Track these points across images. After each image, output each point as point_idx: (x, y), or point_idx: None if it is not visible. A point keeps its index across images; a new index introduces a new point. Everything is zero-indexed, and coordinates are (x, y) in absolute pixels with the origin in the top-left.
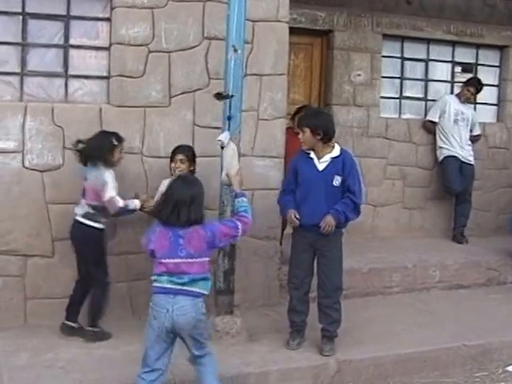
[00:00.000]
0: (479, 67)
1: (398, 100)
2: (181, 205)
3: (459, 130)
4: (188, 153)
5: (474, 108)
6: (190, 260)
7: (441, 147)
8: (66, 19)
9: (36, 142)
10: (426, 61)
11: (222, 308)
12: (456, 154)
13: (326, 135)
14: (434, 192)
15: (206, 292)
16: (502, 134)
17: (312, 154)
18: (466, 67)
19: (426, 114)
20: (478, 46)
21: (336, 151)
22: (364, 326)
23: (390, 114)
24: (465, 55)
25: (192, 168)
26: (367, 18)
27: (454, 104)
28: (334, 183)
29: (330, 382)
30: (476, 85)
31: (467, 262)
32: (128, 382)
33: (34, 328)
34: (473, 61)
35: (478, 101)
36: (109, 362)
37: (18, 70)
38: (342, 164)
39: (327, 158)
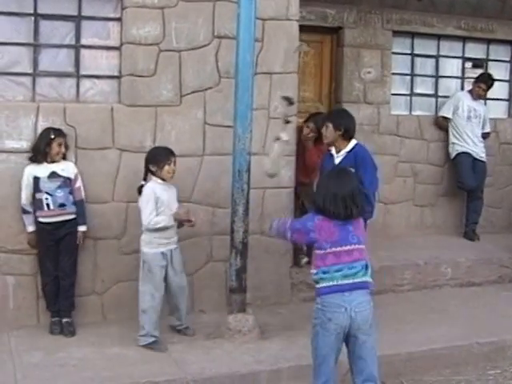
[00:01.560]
0: (490, 62)
1: (408, 97)
2: (347, 199)
3: (472, 127)
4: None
5: (485, 104)
6: (361, 246)
7: (454, 143)
8: (77, 20)
9: None
10: (437, 57)
11: (234, 306)
12: (469, 151)
13: (347, 132)
14: (446, 189)
15: (372, 281)
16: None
17: (333, 151)
18: (477, 63)
19: (436, 111)
20: (489, 42)
21: (350, 145)
22: (376, 324)
23: (401, 110)
24: (475, 51)
25: None
26: (377, 14)
27: (466, 101)
28: None
29: (343, 379)
30: (487, 81)
31: (479, 259)
32: (140, 380)
33: (47, 327)
34: (483, 56)
35: (488, 96)
36: (121, 361)
37: (30, 71)
38: (355, 157)
39: (343, 152)
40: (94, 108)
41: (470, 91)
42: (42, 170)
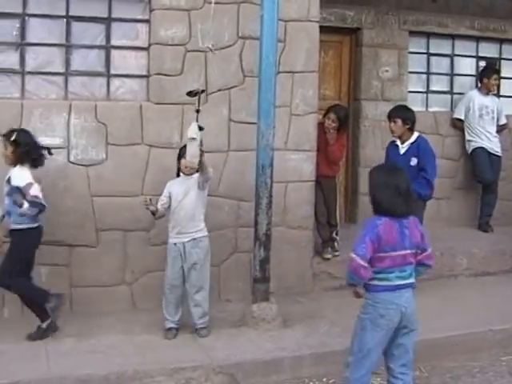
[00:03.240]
0: (502, 61)
1: (424, 94)
2: (406, 194)
3: (484, 124)
4: None
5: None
6: (413, 251)
7: (469, 140)
8: (108, 21)
9: (80, 138)
10: (451, 56)
11: (258, 295)
12: (484, 146)
13: (413, 125)
14: (461, 182)
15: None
16: None
17: (397, 142)
18: (490, 61)
19: (452, 107)
20: (502, 41)
21: (414, 137)
22: None
23: (418, 107)
24: (488, 50)
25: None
26: (394, 15)
27: (477, 99)
28: (411, 163)
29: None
30: (494, 70)
31: (493, 250)
32: (168, 366)
33: (79, 315)
34: (496, 55)
35: (501, 93)
36: (149, 347)
37: (62, 70)
38: (418, 147)
39: (408, 143)
40: (124, 106)
41: (480, 88)
42: (8, 173)
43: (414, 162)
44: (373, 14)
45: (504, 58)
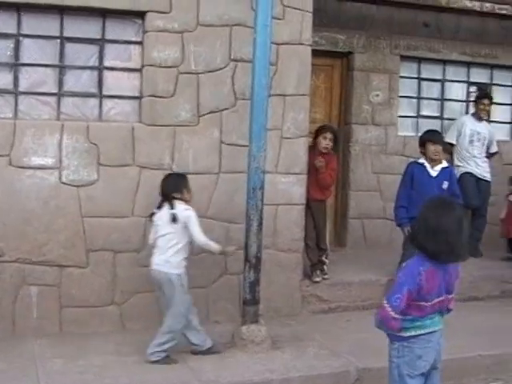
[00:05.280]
0: (494, 87)
1: (415, 119)
2: (462, 238)
3: (473, 150)
4: None
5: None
6: (449, 296)
7: (457, 166)
8: (101, 42)
9: (72, 158)
10: (442, 81)
11: (247, 317)
12: (472, 171)
13: (447, 150)
14: None
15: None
16: None
17: (425, 164)
18: (481, 87)
19: (442, 132)
20: (492, 67)
21: (445, 162)
22: (383, 335)
23: (408, 132)
24: (480, 75)
25: None
26: (385, 40)
27: (470, 125)
28: (443, 186)
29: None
30: (487, 96)
31: (482, 275)
32: None
33: (69, 335)
34: (487, 81)
35: (492, 119)
36: (138, 368)
37: (55, 91)
38: (450, 173)
39: (440, 167)
40: (116, 127)
41: (474, 114)
42: None
43: (445, 185)
44: (364, 38)
45: (495, 84)
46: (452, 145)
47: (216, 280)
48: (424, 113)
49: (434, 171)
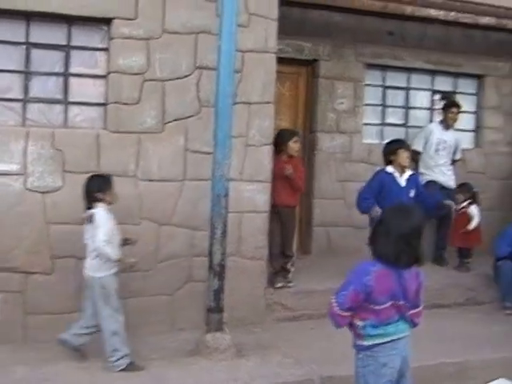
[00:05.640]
0: (458, 95)
1: (379, 126)
2: (417, 242)
3: (439, 158)
4: None
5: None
6: (407, 304)
7: (422, 173)
8: (67, 49)
9: (37, 165)
10: (407, 89)
11: (211, 325)
12: (436, 179)
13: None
14: None
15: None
16: (480, 159)
17: (395, 173)
18: (445, 95)
19: (406, 140)
20: (457, 75)
21: (410, 171)
22: (346, 343)
23: (372, 139)
24: (444, 83)
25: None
26: (351, 48)
27: (437, 133)
28: (410, 195)
29: None
30: (456, 104)
31: (447, 283)
32: None
33: (33, 342)
34: (451, 89)
35: (457, 127)
36: (101, 376)
37: (20, 97)
38: (416, 180)
39: (407, 174)
40: (81, 133)
41: (442, 122)
42: None
43: (412, 193)
44: (329, 46)
45: (459, 92)
46: (417, 153)
47: (181, 287)
48: (389, 121)
49: (403, 181)
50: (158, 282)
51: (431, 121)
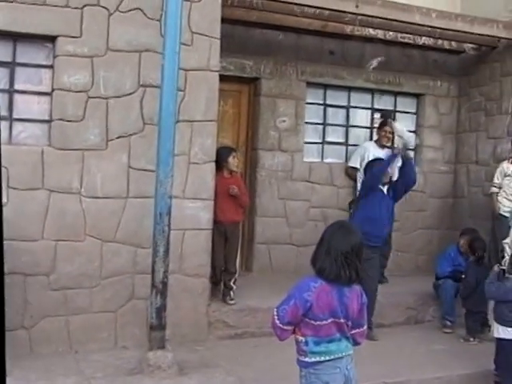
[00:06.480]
0: (397, 114)
1: (320, 145)
2: (356, 260)
3: None
4: None
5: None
6: (348, 322)
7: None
8: (12, 66)
9: None
10: (347, 107)
11: (154, 343)
12: None
13: None
14: None
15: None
16: (419, 178)
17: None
18: (385, 114)
19: (346, 158)
20: (396, 94)
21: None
22: (290, 361)
23: (313, 158)
24: (384, 102)
25: None
26: (292, 66)
27: (373, 150)
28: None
29: None
30: (388, 123)
31: (388, 302)
32: None
33: None
34: (391, 107)
35: (390, 145)
36: None
37: None
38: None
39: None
40: (26, 150)
41: (376, 141)
42: None
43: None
44: (271, 64)
45: (398, 111)
46: (355, 169)
47: (124, 304)
48: (329, 139)
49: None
50: (102, 298)
51: (371, 139)
